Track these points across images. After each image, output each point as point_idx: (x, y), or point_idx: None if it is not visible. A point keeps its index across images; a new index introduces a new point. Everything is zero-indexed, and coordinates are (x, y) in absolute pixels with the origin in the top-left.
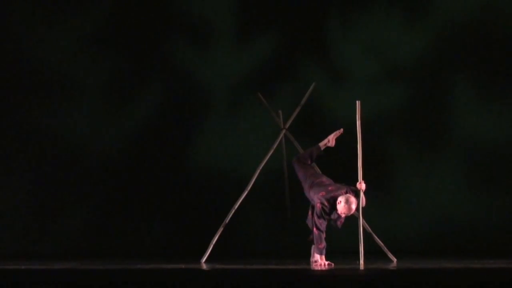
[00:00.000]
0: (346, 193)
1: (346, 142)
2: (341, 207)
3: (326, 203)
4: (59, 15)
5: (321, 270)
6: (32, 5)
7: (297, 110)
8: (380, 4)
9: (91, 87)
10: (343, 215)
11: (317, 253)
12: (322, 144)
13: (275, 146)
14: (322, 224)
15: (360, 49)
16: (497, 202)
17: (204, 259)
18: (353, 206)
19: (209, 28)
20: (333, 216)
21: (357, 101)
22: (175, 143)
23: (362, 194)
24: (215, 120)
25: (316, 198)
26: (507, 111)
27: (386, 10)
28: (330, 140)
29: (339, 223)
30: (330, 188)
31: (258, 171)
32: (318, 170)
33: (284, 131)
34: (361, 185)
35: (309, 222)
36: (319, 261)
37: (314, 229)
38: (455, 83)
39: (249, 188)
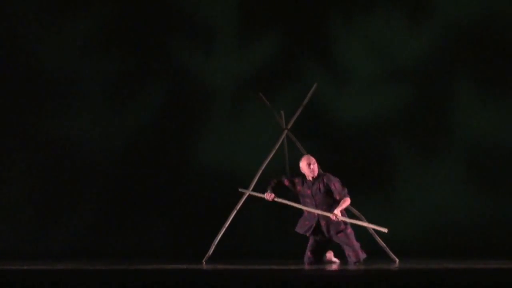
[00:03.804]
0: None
1: (347, 143)
2: (305, 171)
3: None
4: (62, 17)
5: (322, 270)
6: (36, 8)
7: (299, 110)
8: (382, 5)
9: (93, 87)
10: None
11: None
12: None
13: (277, 146)
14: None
15: (362, 50)
16: (498, 202)
17: (205, 259)
18: (313, 166)
19: (212, 29)
20: (310, 189)
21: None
22: (177, 143)
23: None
24: (217, 120)
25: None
26: (509, 112)
27: (388, 11)
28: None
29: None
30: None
31: (260, 172)
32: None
33: (286, 131)
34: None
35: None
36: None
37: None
38: (457, 84)
39: (251, 188)
